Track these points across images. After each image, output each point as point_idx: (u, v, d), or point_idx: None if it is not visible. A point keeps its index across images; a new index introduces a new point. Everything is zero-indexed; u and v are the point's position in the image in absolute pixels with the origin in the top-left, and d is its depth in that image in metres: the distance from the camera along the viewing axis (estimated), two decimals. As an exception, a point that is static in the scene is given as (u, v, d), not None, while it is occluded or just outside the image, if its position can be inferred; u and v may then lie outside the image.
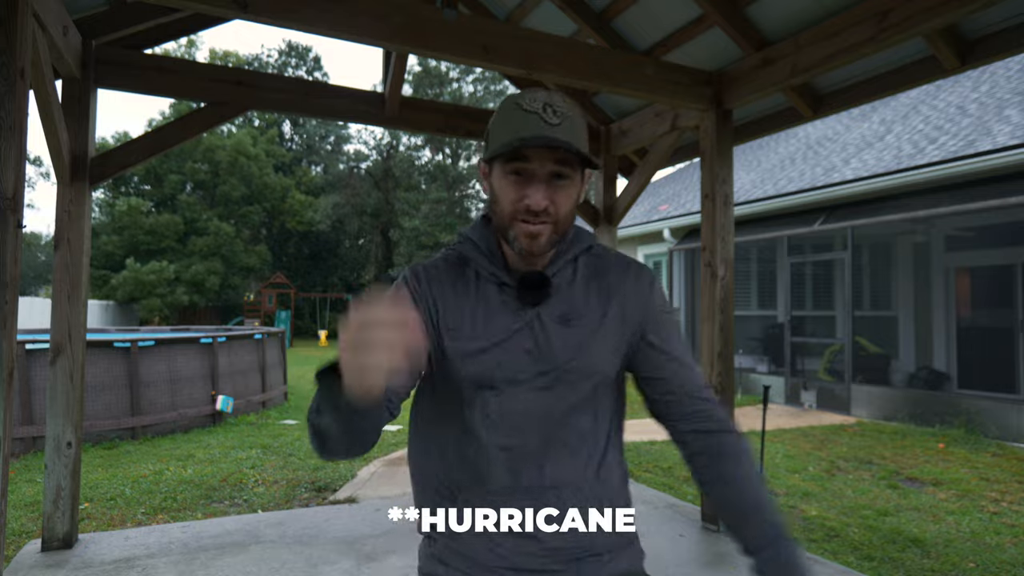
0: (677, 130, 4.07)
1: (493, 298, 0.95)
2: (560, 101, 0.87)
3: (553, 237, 0.90)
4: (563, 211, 0.89)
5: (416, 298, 0.95)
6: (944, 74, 3.10)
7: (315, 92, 3.86)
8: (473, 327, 0.93)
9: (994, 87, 8.35)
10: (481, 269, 0.96)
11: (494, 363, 0.91)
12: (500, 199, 0.91)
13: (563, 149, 0.84)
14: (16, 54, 2.09)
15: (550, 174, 0.87)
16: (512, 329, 0.93)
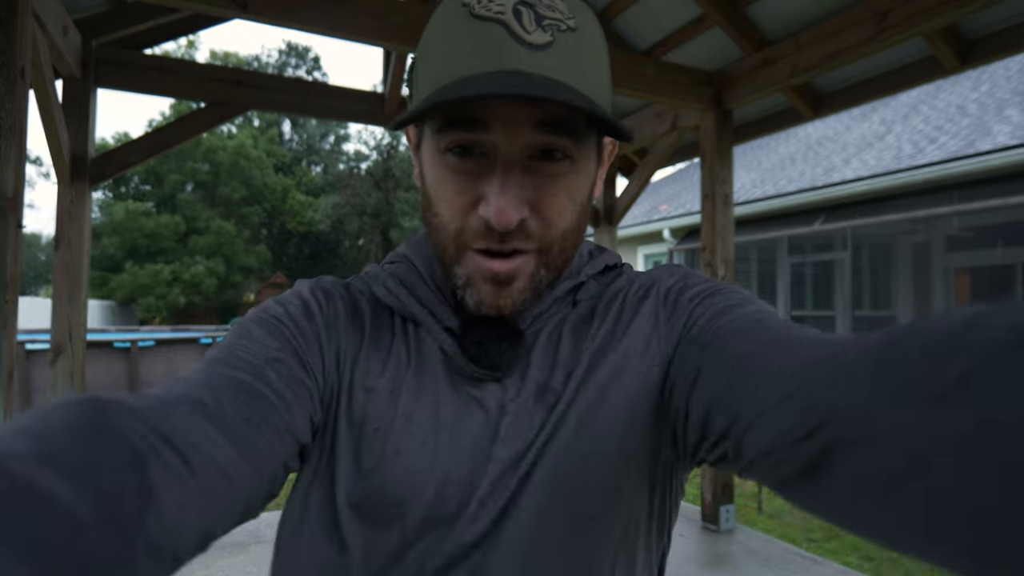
0: (677, 130, 4.07)
1: (432, 361, 0.53)
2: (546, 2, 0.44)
3: (540, 276, 0.50)
4: (560, 225, 0.48)
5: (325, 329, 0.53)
6: (944, 74, 3.11)
7: (315, 92, 3.86)
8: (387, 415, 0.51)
9: (994, 87, 8.35)
10: (420, 311, 0.55)
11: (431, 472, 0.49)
12: (436, 203, 0.49)
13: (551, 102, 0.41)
14: (16, 54, 2.09)
15: (530, 150, 0.46)
16: (460, 419, 0.51)
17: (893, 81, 3.36)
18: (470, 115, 0.44)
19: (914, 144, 8.00)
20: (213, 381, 0.42)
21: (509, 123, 0.44)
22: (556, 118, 0.44)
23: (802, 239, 9.21)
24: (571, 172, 0.47)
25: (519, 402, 0.51)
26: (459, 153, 0.46)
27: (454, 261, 0.50)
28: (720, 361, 0.43)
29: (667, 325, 0.52)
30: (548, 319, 0.55)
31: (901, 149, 8.10)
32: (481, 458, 0.49)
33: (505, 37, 0.42)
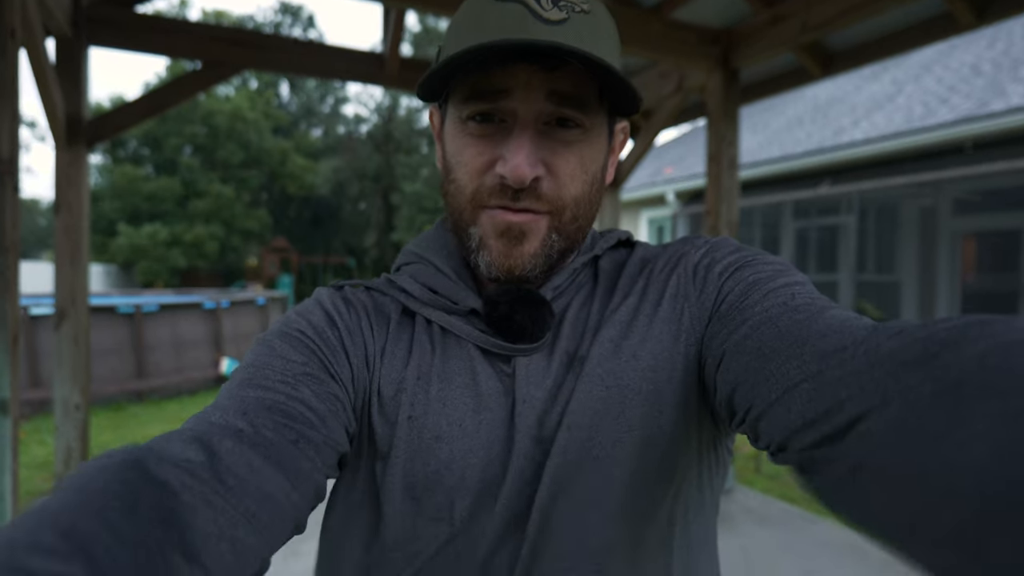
0: (683, 91, 3.98)
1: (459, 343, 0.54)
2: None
3: (553, 241, 0.51)
4: (571, 189, 0.50)
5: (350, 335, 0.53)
6: (959, 31, 3.02)
7: (313, 52, 3.78)
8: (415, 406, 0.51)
9: (1010, 45, 8.14)
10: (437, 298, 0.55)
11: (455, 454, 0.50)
12: (454, 168, 0.51)
13: (569, 60, 0.44)
14: (5, 13, 2.04)
15: (546, 118, 0.48)
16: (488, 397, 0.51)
17: (906, 39, 3.26)
18: (491, 85, 0.48)
19: (925, 105, 7.85)
20: (248, 406, 0.43)
21: (527, 90, 0.48)
22: (569, 90, 0.48)
23: (807, 203, 9.12)
24: (583, 141, 0.50)
25: (551, 373, 0.52)
26: (480, 120, 0.50)
27: (469, 223, 0.52)
28: (741, 347, 0.44)
29: (698, 303, 0.52)
30: (570, 292, 0.56)
31: (912, 110, 7.95)
32: (521, 433, 0.50)
33: (525, 14, 0.45)
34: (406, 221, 26.06)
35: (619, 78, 0.46)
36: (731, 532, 2.96)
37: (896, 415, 0.27)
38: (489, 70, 0.47)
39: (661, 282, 0.54)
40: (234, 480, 0.37)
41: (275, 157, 27.21)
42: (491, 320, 0.53)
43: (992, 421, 0.23)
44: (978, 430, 0.23)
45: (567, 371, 0.51)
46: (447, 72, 0.47)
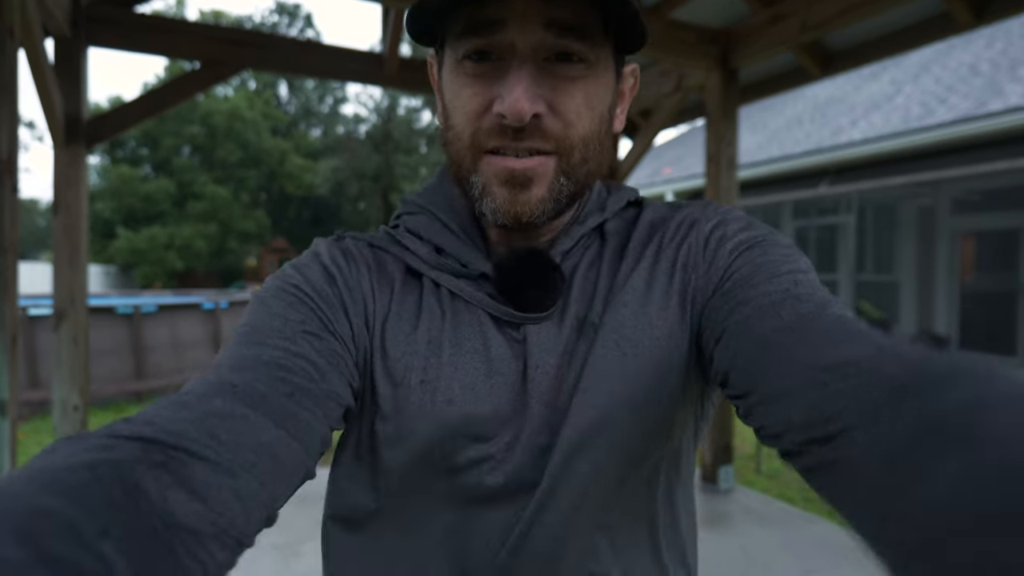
0: (682, 90, 3.98)
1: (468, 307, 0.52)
2: None
3: (561, 185, 0.48)
4: (579, 127, 0.47)
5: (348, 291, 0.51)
6: (958, 31, 3.02)
7: (312, 52, 3.77)
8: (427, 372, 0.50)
9: (1008, 45, 8.15)
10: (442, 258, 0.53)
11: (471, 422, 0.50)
12: (453, 113, 0.49)
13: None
14: (4, 12, 2.04)
15: (545, 51, 0.45)
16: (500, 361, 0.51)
17: (905, 39, 3.27)
18: (486, 15, 0.44)
19: (923, 105, 7.85)
20: (245, 363, 0.42)
21: (523, 21, 0.44)
22: (570, 19, 0.44)
23: (807, 202, 9.13)
24: (588, 76, 0.47)
25: (562, 338, 0.51)
26: (476, 59, 0.46)
27: (470, 170, 0.49)
28: (742, 328, 0.44)
29: (705, 276, 0.51)
30: (579, 255, 0.54)
31: (910, 110, 7.95)
32: (535, 399, 0.50)
33: None
34: (405, 221, 26.06)
35: (624, 4, 0.43)
36: (731, 532, 2.96)
37: (882, 435, 0.30)
38: (484, 2, 0.44)
39: (672, 250, 0.53)
40: (227, 435, 0.36)
41: (274, 157, 27.20)
42: (502, 289, 0.51)
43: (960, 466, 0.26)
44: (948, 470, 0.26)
45: (579, 336, 0.51)
46: (440, 11, 0.45)
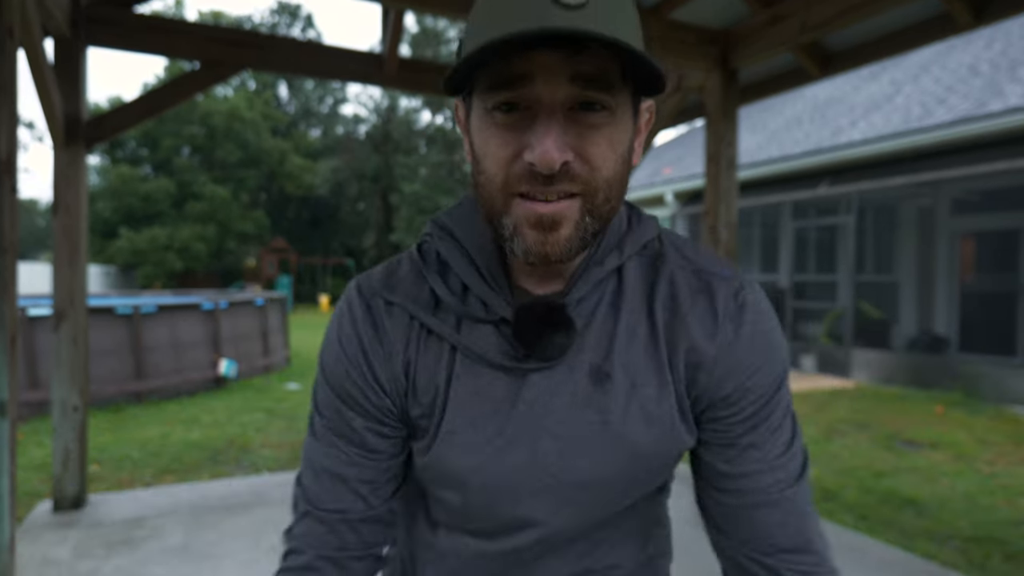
0: (682, 91, 3.98)
1: (487, 347, 0.57)
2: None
3: (587, 224, 0.51)
4: (603, 171, 0.50)
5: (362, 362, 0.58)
6: (958, 31, 3.02)
7: (312, 52, 3.77)
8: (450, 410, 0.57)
9: (1008, 46, 8.15)
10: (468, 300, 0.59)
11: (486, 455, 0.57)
12: (483, 160, 0.52)
13: (590, 44, 0.45)
14: (4, 12, 2.03)
15: (572, 103, 0.48)
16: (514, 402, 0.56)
17: (905, 39, 3.26)
18: (514, 71, 0.47)
19: (923, 105, 7.85)
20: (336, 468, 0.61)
21: (549, 75, 0.47)
22: (593, 72, 0.47)
23: (806, 203, 9.13)
24: (610, 123, 0.50)
25: (574, 384, 0.56)
26: (505, 110, 0.49)
27: (502, 212, 0.51)
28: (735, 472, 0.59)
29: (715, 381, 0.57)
30: (593, 298, 0.58)
31: (910, 111, 7.95)
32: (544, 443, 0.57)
33: (544, 1, 0.45)
34: (405, 222, 26.04)
35: (642, 57, 0.45)
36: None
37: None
38: (511, 59, 0.47)
39: (686, 327, 0.58)
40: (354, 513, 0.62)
41: (274, 157, 27.18)
42: (519, 338, 0.55)
43: None
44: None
45: (592, 385, 0.56)
46: (471, 66, 0.46)
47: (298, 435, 5.03)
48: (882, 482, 3.94)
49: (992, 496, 3.70)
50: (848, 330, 8.10)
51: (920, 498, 3.65)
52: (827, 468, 4.25)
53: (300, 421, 5.52)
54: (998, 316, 7.12)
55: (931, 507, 3.51)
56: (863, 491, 3.77)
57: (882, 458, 4.50)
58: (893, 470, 4.21)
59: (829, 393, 7.06)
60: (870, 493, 3.74)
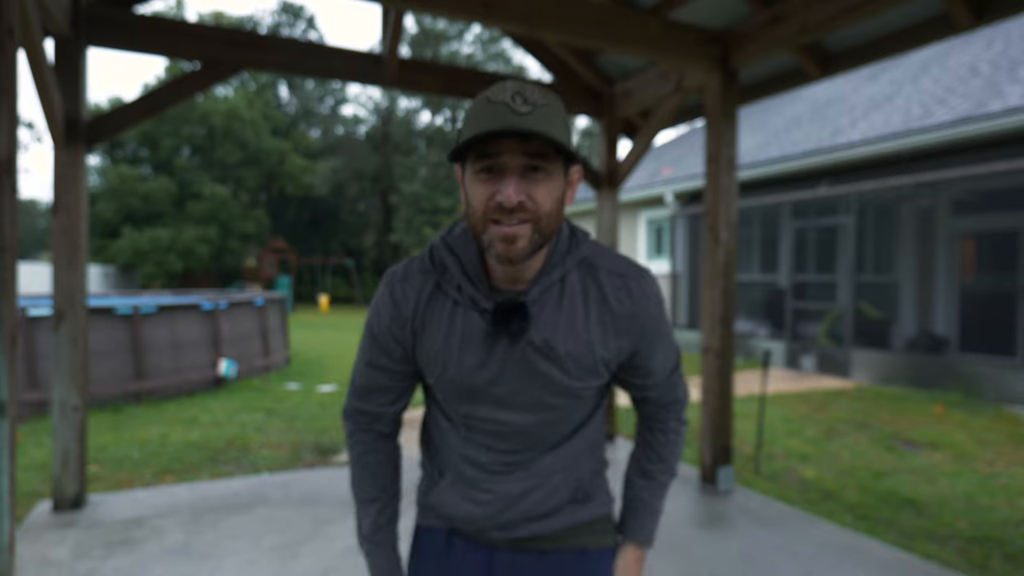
0: (682, 91, 3.99)
1: (471, 323, 0.91)
2: (533, 90, 0.81)
3: (535, 239, 0.82)
4: (544, 207, 0.81)
5: (398, 317, 0.95)
6: (958, 31, 3.02)
7: (312, 52, 3.77)
8: (449, 361, 0.92)
9: (1008, 46, 8.15)
10: (463, 290, 0.91)
11: (476, 391, 0.93)
12: (472, 199, 0.83)
13: (533, 138, 0.77)
14: (3, 12, 2.03)
15: (524, 167, 0.80)
16: (491, 360, 0.91)
17: (904, 39, 3.27)
18: (489, 151, 0.80)
19: (923, 106, 7.85)
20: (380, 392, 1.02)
21: (510, 153, 0.79)
22: (539, 149, 0.80)
23: (806, 204, 9.13)
24: (548, 180, 0.82)
25: (528, 352, 0.90)
26: (485, 172, 0.81)
27: (481, 232, 0.83)
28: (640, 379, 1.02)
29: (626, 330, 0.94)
30: (545, 301, 0.91)
31: (909, 111, 7.96)
32: (526, 383, 0.92)
33: (506, 111, 0.78)
34: (404, 222, 26.03)
35: (563, 145, 0.78)
36: (730, 533, 2.96)
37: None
38: (488, 144, 0.79)
39: (608, 310, 0.93)
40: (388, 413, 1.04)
41: (273, 157, 27.16)
42: (494, 323, 0.89)
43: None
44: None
45: (535, 353, 0.90)
46: (466, 148, 0.80)
47: (298, 435, 5.03)
48: (882, 482, 3.94)
49: (992, 496, 3.70)
50: (848, 330, 8.09)
51: (920, 498, 3.65)
52: (827, 468, 4.25)
53: (300, 421, 5.52)
54: (998, 316, 7.12)
55: (931, 507, 3.51)
56: (863, 491, 3.77)
57: (882, 458, 4.51)
58: (893, 470, 4.21)
59: (829, 393, 7.06)
60: (870, 493, 3.74)
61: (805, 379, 8.06)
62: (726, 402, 3.61)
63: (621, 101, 4.58)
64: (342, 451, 4.62)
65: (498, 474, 0.97)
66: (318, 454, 4.55)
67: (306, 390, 7.07)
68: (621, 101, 4.58)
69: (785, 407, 6.28)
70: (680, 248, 11.26)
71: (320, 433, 5.11)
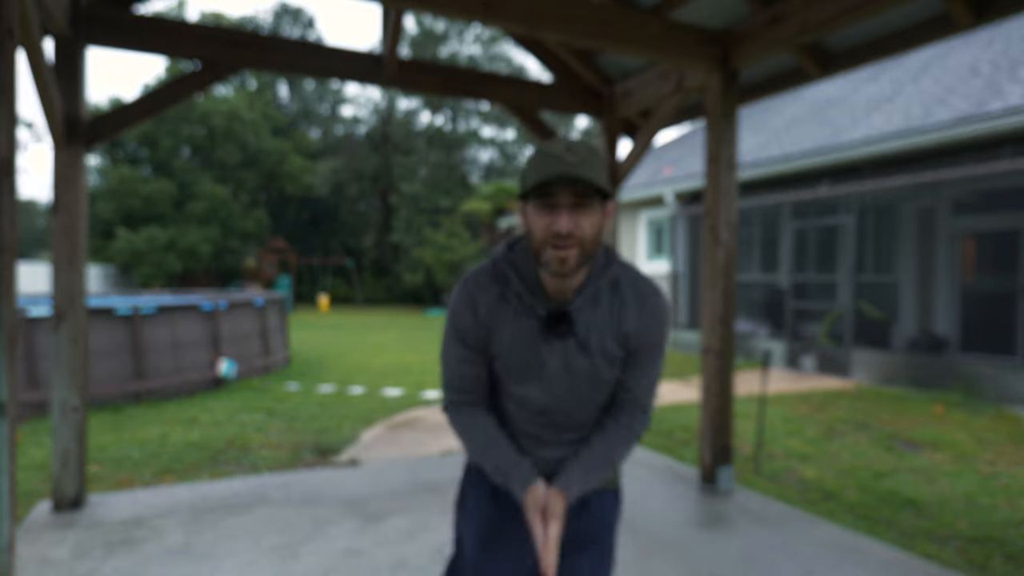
0: (682, 91, 3.98)
1: (528, 326, 1.19)
2: (581, 145, 1.07)
3: (580, 258, 1.08)
4: (588, 234, 1.07)
5: (475, 317, 1.21)
6: (958, 31, 3.02)
7: (312, 52, 3.77)
8: (512, 353, 1.20)
9: (1008, 46, 8.15)
10: (522, 298, 1.19)
11: (530, 375, 1.21)
12: (533, 228, 1.10)
13: (580, 182, 1.03)
14: (3, 12, 2.03)
15: (573, 204, 1.06)
16: (542, 354, 1.19)
17: (905, 39, 3.26)
18: (548, 192, 1.06)
19: (923, 106, 7.85)
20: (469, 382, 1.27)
21: (564, 193, 1.05)
22: (584, 190, 1.05)
23: (806, 204, 9.13)
24: (590, 214, 1.07)
25: (569, 347, 1.19)
26: (545, 207, 1.07)
27: (540, 252, 1.10)
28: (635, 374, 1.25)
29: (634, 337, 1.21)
30: (585, 310, 1.19)
31: (910, 111, 7.95)
32: (567, 374, 1.20)
33: (559, 161, 1.04)
34: (404, 222, 26.02)
35: (602, 188, 1.05)
36: (730, 533, 2.95)
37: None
38: (548, 185, 1.05)
39: (638, 317, 1.21)
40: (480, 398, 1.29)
41: (273, 157, 27.15)
42: (548, 326, 1.18)
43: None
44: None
45: (578, 349, 1.19)
46: (531, 190, 1.06)
47: (298, 435, 5.03)
48: (882, 482, 3.94)
49: (992, 496, 3.70)
50: (848, 330, 8.09)
51: (920, 498, 3.65)
52: (827, 468, 4.25)
53: (300, 421, 5.52)
54: (998, 316, 7.12)
55: (931, 507, 3.51)
56: (863, 491, 3.77)
57: (882, 458, 4.50)
58: (893, 470, 4.20)
59: (829, 393, 7.06)
60: (870, 493, 3.74)
61: (805, 379, 8.06)
62: (726, 402, 3.61)
63: (621, 101, 4.58)
64: (342, 451, 4.61)
65: (543, 444, 1.27)
66: (318, 454, 4.55)
67: (306, 390, 7.07)
68: (621, 101, 4.58)
69: (785, 407, 6.28)
70: (680, 248, 11.25)
71: (320, 433, 5.10)
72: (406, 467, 3.98)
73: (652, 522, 3.09)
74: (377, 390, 7.14)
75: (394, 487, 3.53)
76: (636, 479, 3.74)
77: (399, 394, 6.87)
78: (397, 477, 3.75)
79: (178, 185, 24.66)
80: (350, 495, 3.40)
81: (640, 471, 3.91)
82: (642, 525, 3.04)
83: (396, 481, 3.66)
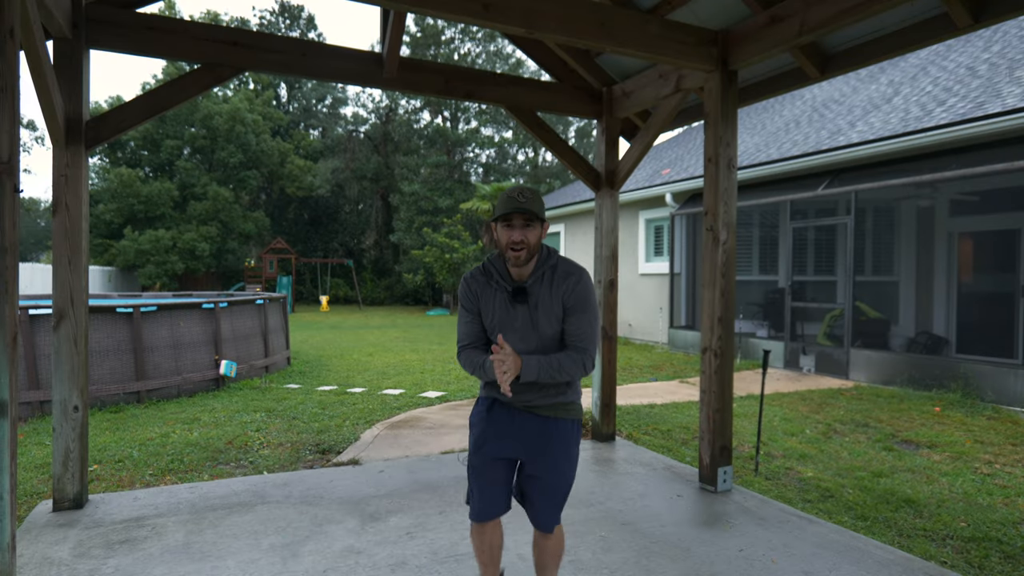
0: (681, 92, 3.99)
1: (502, 298, 1.98)
2: (528, 189, 1.91)
3: (528, 255, 1.91)
4: (532, 241, 1.90)
5: (472, 296, 2.03)
6: (956, 32, 3.03)
7: (312, 53, 3.78)
8: (494, 314, 1.99)
9: (1006, 47, 8.16)
10: (499, 282, 1.99)
11: (505, 327, 1.97)
12: (500, 239, 1.92)
13: (526, 212, 1.86)
14: (4, 13, 2.04)
15: (523, 224, 1.89)
16: (512, 314, 1.97)
17: (903, 40, 3.27)
18: (508, 218, 1.92)
19: (922, 107, 7.86)
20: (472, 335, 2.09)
21: (517, 218, 1.91)
22: (528, 217, 1.91)
23: (805, 204, 9.14)
24: (533, 229, 1.93)
25: (530, 310, 1.97)
26: (506, 226, 1.92)
27: (504, 253, 1.95)
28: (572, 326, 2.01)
29: (567, 299, 1.97)
30: (536, 284, 1.98)
31: (908, 112, 7.96)
32: (526, 325, 1.98)
33: (515, 200, 1.90)
34: (404, 222, 26.02)
35: (540, 217, 1.91)
36: (729, 533, 2.96)
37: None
38: (508, 214, 1.89)
39: (566, 286, 1.96)
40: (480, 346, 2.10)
41: (274, 158, 27.15)
42: (513, 297, 1.97)
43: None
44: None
45: (535, 310, 1.96)
46: (498, 217, 1.90)
47: (298, 435, 5.04)
48: (881, 482, 3.95)
49: (990, 496, 3.71)
50: (847, 330, 8.10)
51: (918, 498, 3.65)
52: (826, 468, 4.26)
53: (300, 421, 5.53)
54: (996, 317, 7.13)
55: (930, 507, 3.52)
56: (862, 491, 3.78)
57: (880, 458, 4.51)
58: (892, 470, 4.21)
59: (828, 393, 7.07)
60: (868, 493, 3.74)
61: (804, 379, 8.07)
62: (725, 402, 3.62)
63: (620, 102, 4.59)
64: (342, 451, 4.62)
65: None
66: (318, 454, 4.56)
67: (306, 390, 7.07)
68: (620, 102, 4.59)
69: (784, 407, 6.29)
70: (679, 248, 11.26)
71: (320, 433, 5.11)
72: (406, 467, 3.99)
73: (651, 522, 3.10)
74: (377, 390, 7.15)
75: (394, 487, 3.54)
76: (636, 478, 3.75)
77: (399, 394, 6.87)
78: (397, 477, 3.76)
79: (179, 186, 24.65)
80: (350, 495, 3.41)
81: (639, 471, 3.92)
82: (642, 525, 3.05)
83: (396, 481, 3.67)
